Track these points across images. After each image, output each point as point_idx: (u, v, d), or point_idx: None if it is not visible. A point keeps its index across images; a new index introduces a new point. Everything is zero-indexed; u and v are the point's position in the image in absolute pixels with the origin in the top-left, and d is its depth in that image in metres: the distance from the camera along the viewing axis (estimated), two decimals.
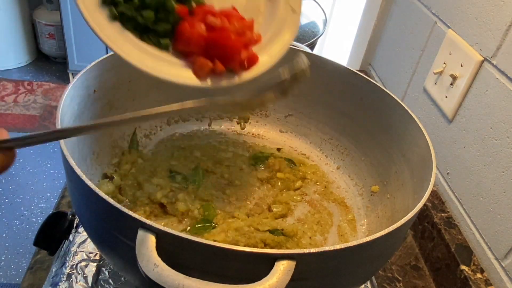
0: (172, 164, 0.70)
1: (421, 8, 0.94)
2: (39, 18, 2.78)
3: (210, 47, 0.55)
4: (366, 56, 1.23)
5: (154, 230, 0.38)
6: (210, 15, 0.56)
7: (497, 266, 0.66)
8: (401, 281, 0.71)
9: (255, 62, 0.58)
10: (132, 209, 0.60)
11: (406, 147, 0.63)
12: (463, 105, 0.76)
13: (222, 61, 0.55)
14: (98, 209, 0.43)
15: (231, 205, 0.65)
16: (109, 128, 0.50)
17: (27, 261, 1.78)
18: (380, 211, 0.67)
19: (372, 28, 1.17)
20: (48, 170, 2.21)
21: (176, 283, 0.35)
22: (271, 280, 0.36)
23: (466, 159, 0.74)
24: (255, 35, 0.60)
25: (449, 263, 0.69)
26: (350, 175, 0.75)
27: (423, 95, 0.89)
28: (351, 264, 0.45)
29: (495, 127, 0.68)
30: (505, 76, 0.66)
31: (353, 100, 0.72)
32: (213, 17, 0.56)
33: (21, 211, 1.99)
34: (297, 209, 0.68)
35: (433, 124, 0.85)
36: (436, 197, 0.80)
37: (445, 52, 0.81)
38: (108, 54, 0.62)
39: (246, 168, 0.73)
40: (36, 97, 2.68)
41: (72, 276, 0.58)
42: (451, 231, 0.73)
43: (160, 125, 0.77)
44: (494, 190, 0.67)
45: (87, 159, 0.61)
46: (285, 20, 0.62)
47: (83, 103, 0.58)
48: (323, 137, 0.79)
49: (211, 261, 0.39)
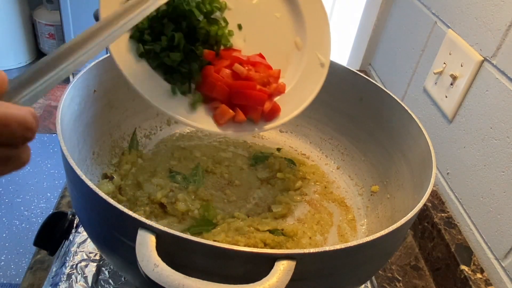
0: (172, 164, 0.70)
1: (421, 8, 0.94)
2: (39, 18, 2.78)
3: (234, 96, 0.54)
4: (366, 56, 1.23)
5: (154, 230, 0.38)
6: (238, 62, 0.55)
7: (497, 266, 0.66)
8: (401, 281, 0.71)
9: (277, 114, 0.58)
10: (132, 209, 0.60)
11: (406, 147, 0.63)
12: (463, 105, 0.76)
13: (244, 110, 0.55)
14: (98, 209, 0.43)
15: (231, 205, 0.65)
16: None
17: (27, 261, 1.78)
18: (380, 211, 0.67)
19: (372, 28, 1.17)
20: (48, 170, 2.21)
21: (176, 283, 0.35)
22: (271, 280, 0.36)
23: (466, 159, 0.74)
24: (280, 85, 0.59)
25: (449, 263, 0.69)
26: (350, 175, 0.75)
27: (423, 95, 0.89)
28: (351, 264, 0.45)
29: (495, 127, 0.68)
30: (505, 76, 0.66)
31: (353, 100, 0.72)
32: (240, 65, 0.54)
33: (21, 211, 1.99)
34: (297, 209, 0.68)
35: (433, 124, 0.85)
36: (436, 197, 0.80)
37: (445, 52, 0.81)
38: (108, 54, 0.62)
39: (246, 168, 0.73)
40: None
41: (72, 276, 0.58)
42: (451, 231, 0.73)
43: (160, 125, 0.77)
44: (494, 190, 0.67)
45: (87, 159, 0.61)
46: (312, 73, 0.61)
47: (83, 103, 0.58)
48: (323, 137, 0.79)
49: (211, 261, 0.39)
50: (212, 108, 0.55)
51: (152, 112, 0.75)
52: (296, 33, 0.62)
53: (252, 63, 0.57)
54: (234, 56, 0.56)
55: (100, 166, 0.65)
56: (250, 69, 0.55)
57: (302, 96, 0.60)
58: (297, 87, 0.61)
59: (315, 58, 0.61)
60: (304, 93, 0.60)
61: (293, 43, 0.62)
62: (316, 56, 0.61)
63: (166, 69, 0.54)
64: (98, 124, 0.64)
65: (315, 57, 0.61)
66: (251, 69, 0.55)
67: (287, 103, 0.59)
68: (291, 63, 0.62)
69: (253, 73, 0.55)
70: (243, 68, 0.55)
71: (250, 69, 0.55)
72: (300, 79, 0.61)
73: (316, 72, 0.61)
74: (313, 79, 0.61)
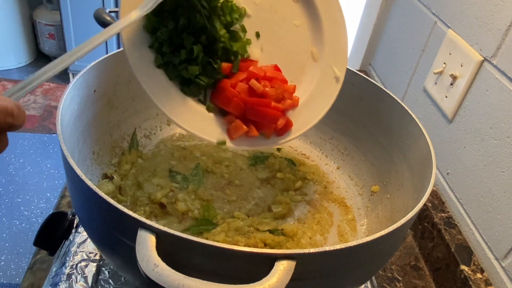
0: (172, 164, 0.70)
1: (421, 8, 0.94)
2: (39, 18, 2.78)
3: (249, 112, 0.54)
4: (366, 56, 1.23)
5: (154, 230, 0.38)
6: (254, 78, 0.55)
7: (497, 266, 0.66)
8: (401, 281, 0.71)
9: (289, 129, 0.58)
10: (132, 209, 0.61)
11: (406, 147, 0.63)
12: (463, 105, 0.76)
13: (257, 126, 0.55)
14: (98, 209, 0.43)
15: (231, 205, 0.65)
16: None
17: (27, 261, 1.78)
18: (380, 211, 0.67)
19: (372, 28, 1.17)
20: (48, 170, 2.21)
21: (176, 283, 0.35)
22: (271, 280, 0.36)
23: (466, 159, 0.74)
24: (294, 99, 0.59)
25: (449, 263, 0.69)
26: (350, 175, 0.75)
27: (423, 95, 0.89)
28: (351, 264, 0.44)
29: (495, 127, 0.68)
30: (505, 76, 0.66)
31: (353, 100, 0.72)
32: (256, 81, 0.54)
33: (21, 211, 1.99)
34: (297, 209, 0.68)
35: (433, 124, 0.85)
36: (436, 197, 0.80)
37: (445, 52, 0.81)
38: (108, 54, 0.62)
39: (246, 168, 0.73)
40: (36, 97, 2.68)
41: (72, 276, 0.58)
42: (451, 231, 0.73)
43: (160, 125, 0.77)
44: (494, 190, 0.67)
45: (87, 159, 0.61)
46: (326, 87, 0.61)
47: (83, 103, 0.58)
48: (323, 137, 0.79)
49: (211, 261, 0.39)
50: (226, 122, 0.56)
51: (152, 112, 0.75)
52: (313, 43, 0.61)
53: (268, 78, 0.56)
54: (251, 71, 0.56)
55: (100, 166, 0.65)
56: (266, 85, 0.55)
57: (314, 111, 0.60)
58: (310, 101, 0.60)
59: (330, 71, 0.61)
60: (316, 108, 0.60)
61: (310, 54, 0.61)
62: (331, 69, 0.61)
63: (183, 81, 0.55)
64: (98, 124, 0.64)
65: (330, 70, 0.61)
66: (267, 85, 0.55)
67: (299, 118, 0.59)
68: (305, 74, 0.61)
69: (269, 90, 0.55)
70: (259, 84, 0.55)
71: (266, 85, 0.55)
72: (313, 93, 0.60)
73: (329, 86, 0.61)
74: (326, 94, 0.60)
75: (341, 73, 0.61)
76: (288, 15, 0.61)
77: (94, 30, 0.62)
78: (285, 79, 0.59)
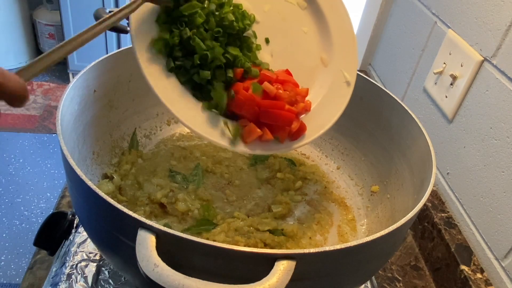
0: (172, 164, 0.70)
1: (421, 8, 0.94)
2: (39, 18, 2.78)
3: (263, 115, 0.54)
4: (366, 56, 1.23)
5: (154, 230, 0.38)
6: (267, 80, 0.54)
7: (497, 266, 0.66)
8: (401, 281, 0.71)
9: (303, 133, 0.58)
10: (132, 209, 0.61)
11: (406, 147, 0.63)
12: (463, 105, 0.76)
13: (271, 129, 0.55)
14: (98, 209, 0.43)
15: (231, 205, 0.65)
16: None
17: (27, 261, 1.78)
18: (380, 211, 0.67)
19: (372, 28, 1.17)
20: (48, 170, 2.21)
21: (176, 283, 0.35)
22: (271, 280, 0.36)
23: (466, 159, 0.74)
24: (307, 103, 0.59)
25: (449, 263, 0.69)
26: (350, 175, 0.75)
27: (423, 95, 0.89)
28: (351, 264, 0.45)
29: (495, 127, 0.68)
30: (505, 76, 0.66)
31: (353, 100, 0.72)
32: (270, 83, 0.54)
33: (21, 211, 1.99)
34: (297, 209, 0.68)
35: (433, 124, 0.85)
36: (436, 197, 0.80)
37: (445, 52, 0.81)
38: (108, 54, 0.62)
39: (246, 168, 0.73)
40: (36, 97, 2.68)
41: (72, 276, 0.58)
42: (451, 231, 0.73)
43: (160, 125, 0.77)
44: (494, 190, 0.67)
45: (87, 159, 0.61)
46: (337, 91, 0.61)
47: (83, 103, 0.58)
48: (323, 137, 0.79)
49: (211, 261, 0.39)
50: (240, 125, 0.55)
51: (152, 112, 0.75)
52: (323, 49, 0.62)
53: (281, 81, 0.56)
54: (263, 74, 0.56)
55: (100, 166, 0.65)
56: (279, 88, 0.55)
57: (327, 115, 0.60)
58: (322, 105, 0.60)
59: (340, 76, 0.61)
60: (329, 112, 0.60)
61: (319, 59, 0.61)
62: (341, 73, 0.61)
63: (194, 85, 0.54)
64: (98, 124, 0.64)
65: (340, 75, 0.61)
66: (279, 88, 0.55)
67: (312, 122, 0.59)
68: (316, 79, 0.61)
69: (282, 92, 0.55)
70: (272, 87, 0.54)
71: (279, 88, 0.55)
72: (325, 97, 0.60)
73: (341, 90, 0.61)
74: (338, 98, 0.60)
75: (351, 77, 0.61)
76: (296, 22, 0.61)
77: None
78: (297, 83, 0.59)
